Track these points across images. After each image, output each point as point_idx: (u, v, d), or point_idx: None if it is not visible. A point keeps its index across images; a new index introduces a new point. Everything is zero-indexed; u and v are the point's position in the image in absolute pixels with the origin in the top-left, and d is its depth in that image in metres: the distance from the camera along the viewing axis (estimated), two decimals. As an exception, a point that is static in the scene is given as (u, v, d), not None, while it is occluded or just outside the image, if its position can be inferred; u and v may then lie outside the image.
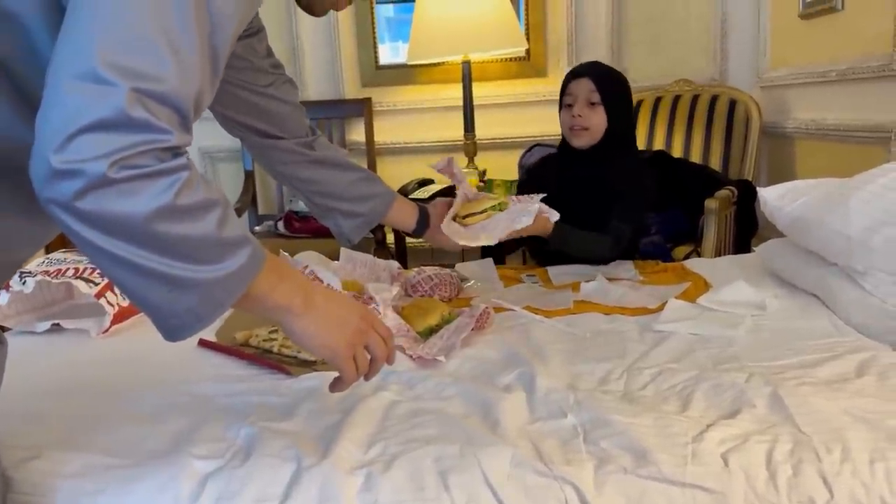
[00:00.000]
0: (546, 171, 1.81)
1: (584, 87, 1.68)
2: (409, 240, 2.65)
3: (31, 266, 1.35)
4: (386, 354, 0.83)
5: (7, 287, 1.30)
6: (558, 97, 1.74)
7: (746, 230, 2.20)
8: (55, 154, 0.57)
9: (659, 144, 2.57)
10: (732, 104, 2.52)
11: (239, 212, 2.78)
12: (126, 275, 0.62)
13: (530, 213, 1.35)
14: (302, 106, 1.23)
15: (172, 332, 0.67)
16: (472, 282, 1.60)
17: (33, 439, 0.91)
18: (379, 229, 2.63)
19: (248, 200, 2.86)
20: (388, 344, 0.83)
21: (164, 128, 0.60)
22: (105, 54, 0.58)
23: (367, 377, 0.83)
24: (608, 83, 1.70)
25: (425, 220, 1.38)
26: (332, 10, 0.99)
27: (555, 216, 1.44)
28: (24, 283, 1.29)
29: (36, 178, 0.59)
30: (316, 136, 1.25)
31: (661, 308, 1.34)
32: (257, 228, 2.87)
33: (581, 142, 1.70)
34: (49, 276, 1.31)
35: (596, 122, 1.68)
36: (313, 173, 1.24)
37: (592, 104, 1.68)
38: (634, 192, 1.68)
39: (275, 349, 1.18)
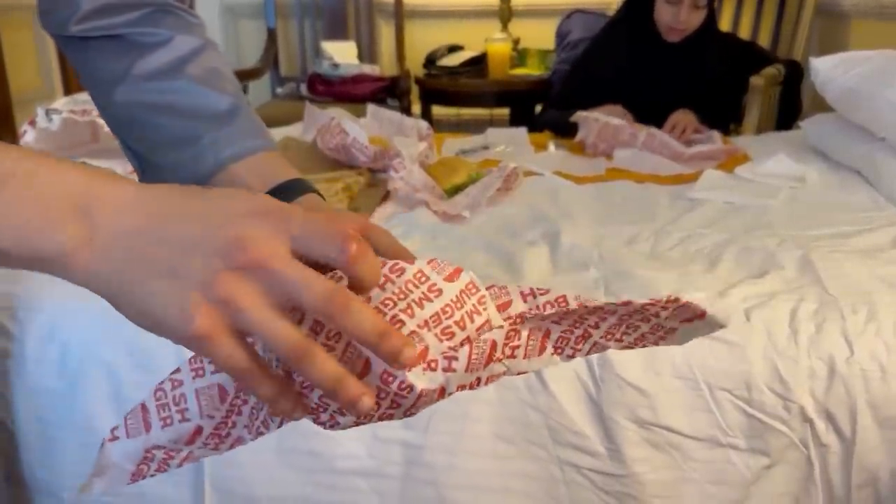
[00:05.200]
0: (617, 60, 1.72)
1: None
2: (435, 109, 2.58)
3: (58, 104, 1.34)
4: (322, 297, 0.29)
5: (32, 124, 1.30)
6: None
7: (789, 113, 2.10)
8: None
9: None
10: (789, -24, 2.34)
11: (259, 73, 2.68)
12: None
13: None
14: None
15: None
16: (502, 146, 1.57)
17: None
18: (405, 95, 2.56)
19: (269, 61, 2.75)
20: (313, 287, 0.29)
21: None
22: None
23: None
24: None
25: None
26: None
27: None
28: (50, 121, 1.28)
29: None
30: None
31: (696, 176, 1.31)
32: (279, 91, 2.80)
33: (677, 38, 1.66)
34: (75, 114, 1.30)
35: (696, 22, 1.63)
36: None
37: (697, 7, 1.61)
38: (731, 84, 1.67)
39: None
